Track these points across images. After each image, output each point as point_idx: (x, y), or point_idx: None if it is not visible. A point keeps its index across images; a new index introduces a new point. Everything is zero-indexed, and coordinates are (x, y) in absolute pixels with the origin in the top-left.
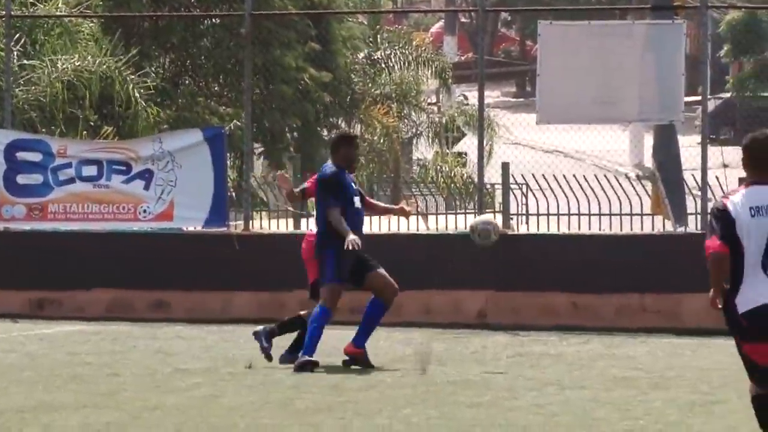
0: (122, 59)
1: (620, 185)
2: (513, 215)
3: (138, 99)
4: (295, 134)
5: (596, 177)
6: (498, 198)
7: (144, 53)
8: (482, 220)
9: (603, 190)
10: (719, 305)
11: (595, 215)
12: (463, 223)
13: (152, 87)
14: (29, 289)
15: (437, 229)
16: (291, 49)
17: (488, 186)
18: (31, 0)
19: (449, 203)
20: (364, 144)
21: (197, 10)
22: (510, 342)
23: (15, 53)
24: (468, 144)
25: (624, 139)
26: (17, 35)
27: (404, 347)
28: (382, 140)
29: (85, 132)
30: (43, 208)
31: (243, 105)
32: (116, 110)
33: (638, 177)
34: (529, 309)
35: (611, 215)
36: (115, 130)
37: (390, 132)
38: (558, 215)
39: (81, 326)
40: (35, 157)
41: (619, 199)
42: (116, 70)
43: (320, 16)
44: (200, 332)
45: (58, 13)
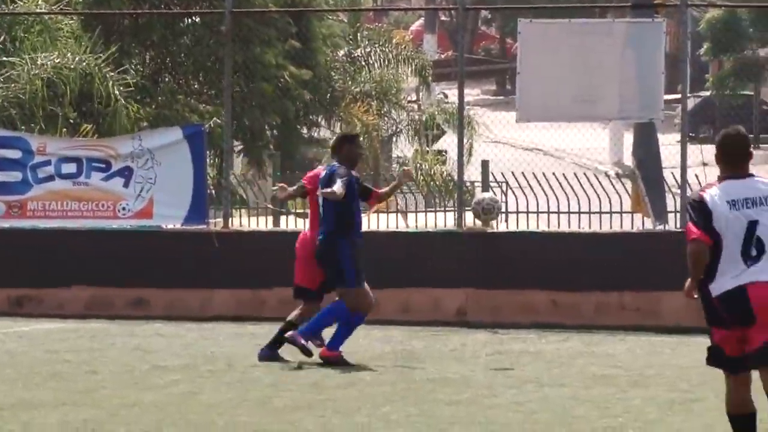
0: (102, 56)
1: (600, 183)
2: None
3: (117, 96)
4: (275, 132)
5: (576, 175)
6: (478, 196)
7: (124, 51)
8: (489, 195)
9: (583, 188)
10: (695, 295)
11: (575, 213)
12: (443, 221)
13: (132, 84)
14: (8, 287)
15: (417, 227)
16: (271, 47)
17: (468, 184)
18: None
19: (429, 201)
20: None
21: (177, 8)
22: (489, 340)
23: None
24: (448, 142)
25: (604, 137)
26: None
27: (383, 345)
28: (362, 138)
29: (65, 129)
30: (23, 206)
31: (223, 102)
32: (96, 108)
33: (618, 175)
34: (509, 307)
35: (591, 213)
36: (95, 128)
37: (370, 130)
38: (537, 213)
39: (60, 324)
40: (14, 155)
41: (599, 197)
42: (96, 68)
43: (300, 14)
44: (179, 330)
45: (38, 11)
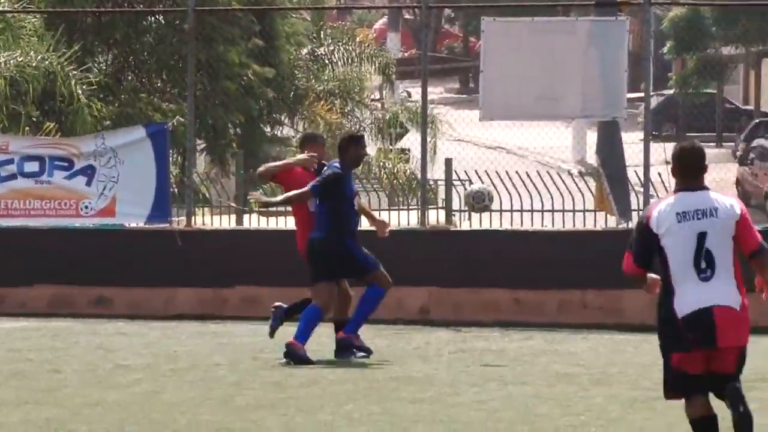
0: (65, 55)
1: (563, 181)
2: (456, 211)
3: (80, 95)
4: (238, 130)
5: (539, 173)
6: (441, 194)
7: (87, 49)
8: (481, 185)
9: (546, 187)
10: (657, 289)
11: (538, 211)
12: (406, 220)
13: (95, 83)
14: None
15: None
16: (234, 45)
17: (431, 182)
18: None
19: (392, 199)
20: None
21: (140, 6)
22: (452, 338)
23: None
24: (411, 140)
25: (567, 136)
26: None
27: None
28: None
29: (28, 128)
30: None
31: (186, 101)
32: (58, 106)
33: (581, 173)
34: (472, 305)
35: (554, 211)
36: (58, 126)
37: (333, 128)
38: (500, 211)
39: (22, 322)
40: None
41: (562, 196)
42: (59, 66)
43: (264, 12)
44: (142, 328)
45: (1, 9)
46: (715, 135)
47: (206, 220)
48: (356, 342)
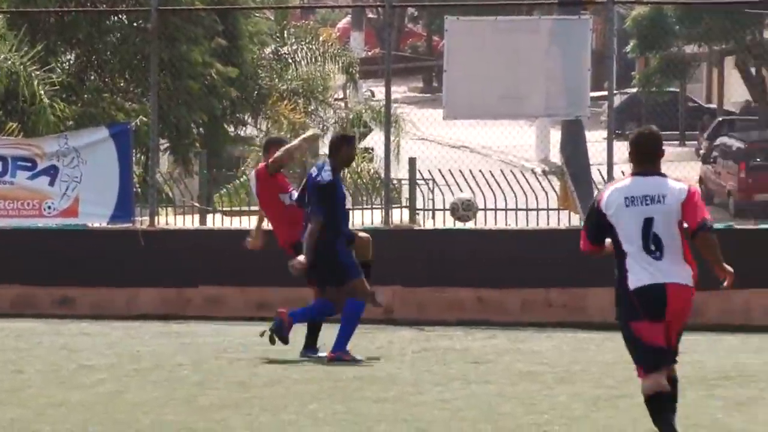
0: (28, 54)
1: (527, 180)
2: (419, 210)
3: (43, 95)
4: (201, 130)
5: (502, 172)
6: (405, 193)
7: (50, 49)
8: (465, 195)
9: (509, 186)
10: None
11: (502, 210)
12: (370, 219)
13: (57, 83)
14: None
15: None
16: (197, 45)
17: (395, 181)
18: None
19: (356, 199)
20: None
21: (103, 6)
22: (415, 337)
23: None
24: (375, 140)
25: (530, 135)
26: None
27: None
28: (289, 136)
29: None
30: None
31: (149, 100)
32: (21, 106)
33: (545, 172)
34: (435, 304)
35: (518, 210)
36: (20, 126)
37: (297, 128)
38: None
39: None
40: None
41: (525, 194)
42: (21, 66)
43: (227, 12)
44: (105, 328)
45: None
46: (678, 133)
47: (170, 220)
48: (346, 357)
